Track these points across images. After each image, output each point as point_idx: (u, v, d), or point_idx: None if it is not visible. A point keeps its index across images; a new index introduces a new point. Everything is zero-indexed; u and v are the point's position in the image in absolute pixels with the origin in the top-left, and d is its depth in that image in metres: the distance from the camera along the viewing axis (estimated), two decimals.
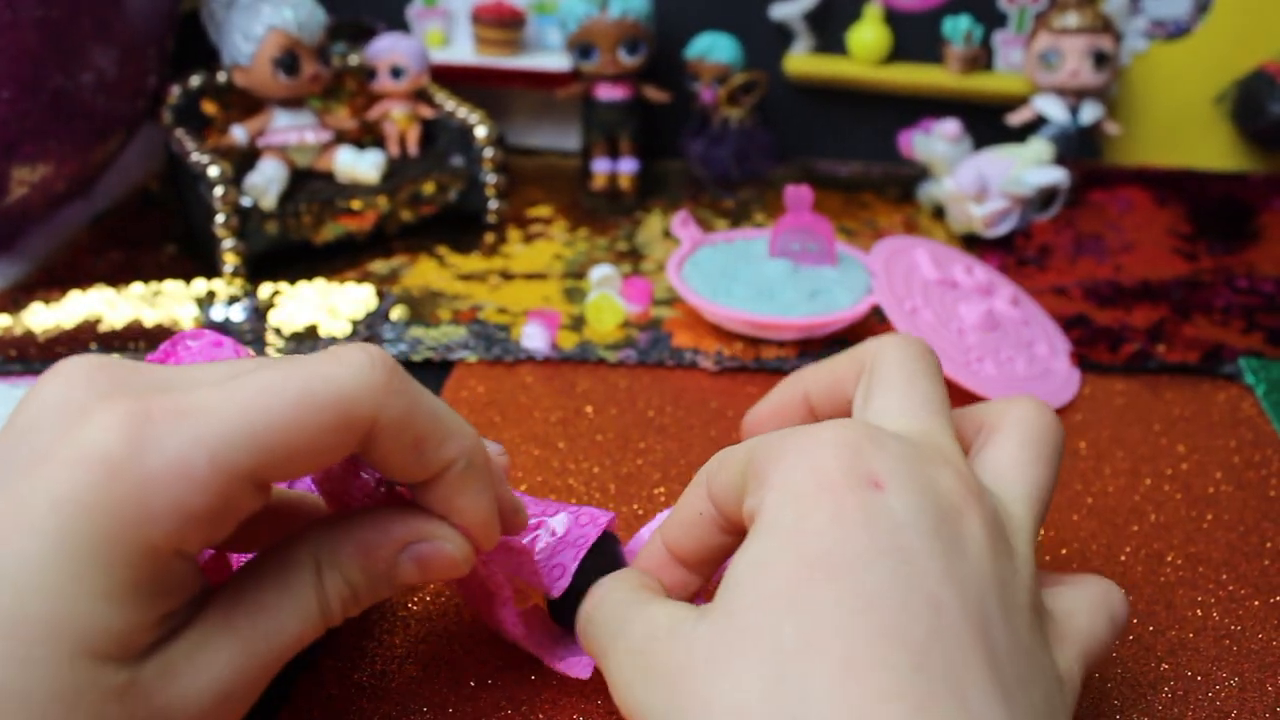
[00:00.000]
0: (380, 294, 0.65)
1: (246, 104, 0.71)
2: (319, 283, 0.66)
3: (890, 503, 0.25)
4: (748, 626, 0.25)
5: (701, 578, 0.34)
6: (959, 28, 0.78)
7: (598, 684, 0.38)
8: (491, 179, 0.73)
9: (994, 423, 0.32)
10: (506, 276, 0.68)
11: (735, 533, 0.31)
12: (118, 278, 0.66)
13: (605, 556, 0.36)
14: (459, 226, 0.73)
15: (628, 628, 0.29)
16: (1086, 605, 0.30)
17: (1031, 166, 0.71)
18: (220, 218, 0.64)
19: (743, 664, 0.24)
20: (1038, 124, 0.77)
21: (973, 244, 0.71)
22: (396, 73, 0.73)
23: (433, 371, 0.58)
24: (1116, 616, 0.31)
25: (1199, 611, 0.42)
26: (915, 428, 0.29)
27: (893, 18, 0.80)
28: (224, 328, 0.61)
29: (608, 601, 0.31)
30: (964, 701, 0.22)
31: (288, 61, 0.66)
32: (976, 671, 0.23)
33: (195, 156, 0.65)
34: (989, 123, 0.79)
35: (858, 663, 0.23)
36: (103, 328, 0.61)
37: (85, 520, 0.23)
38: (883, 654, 0.23)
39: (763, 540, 0.26)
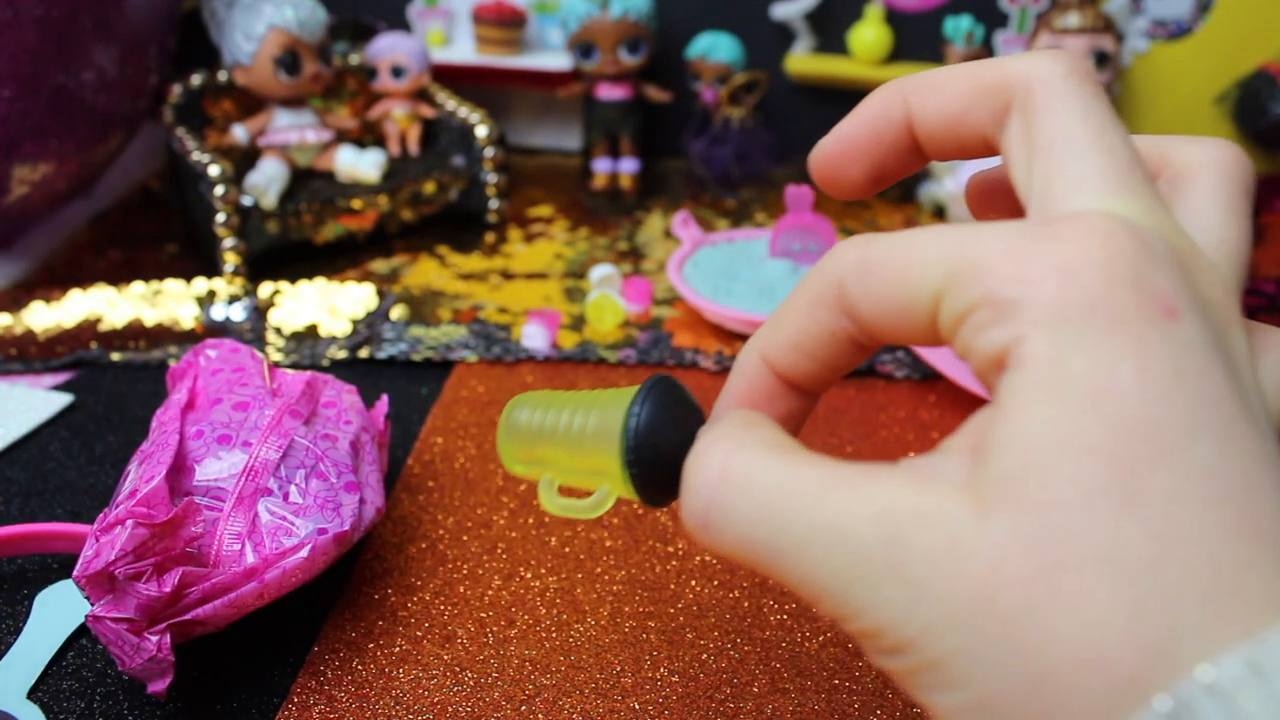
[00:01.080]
0: (381, 293, 0.65)
1: (247, 103, 0.71)
2: (319, 282, 0.66)
3: (1189, 335, 0.20)
4: (1074, 530, 0.18)
5: (815, 400, 0.27)
6: (960, 27, 0.78)
7: (599, 684, 0.38)
8: (492, 178, 0.73)
9: (1185, 168, 0.26)
10: (507, 276, 0.68)
11: (876, 346, 0.25)
12: (118, 276, 0.66)
13: (671, 399, 0.27)
14: (460, 226, 0.73)
15: (828, 515, 0.20)
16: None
17: None
18: (221, 217, 0.64)
19: (1083, 585, 0.18)
20: None
21: None
22: (397, 72, 0.73)
23: (433, 371, 0.58)
24: (1246, 190, 0.26)
25: None
26: (1139, 207, 0.22)
27: (894, 17, 0.80)
28: (224, 327, 0.61)
29: (758, 474, 0.22)
30: None
31: (289, 61, 0.66)
32: None
33: (196, 155, 0.65)
34: None
35: (1228, 576, 0.18)
36: (103, 326, 0.61)
37: None
38: (1247, 557, 0.18)
39: (1052, 404, 0.19)
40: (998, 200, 0.28)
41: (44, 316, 0.62)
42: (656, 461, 0.26)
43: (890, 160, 0.27)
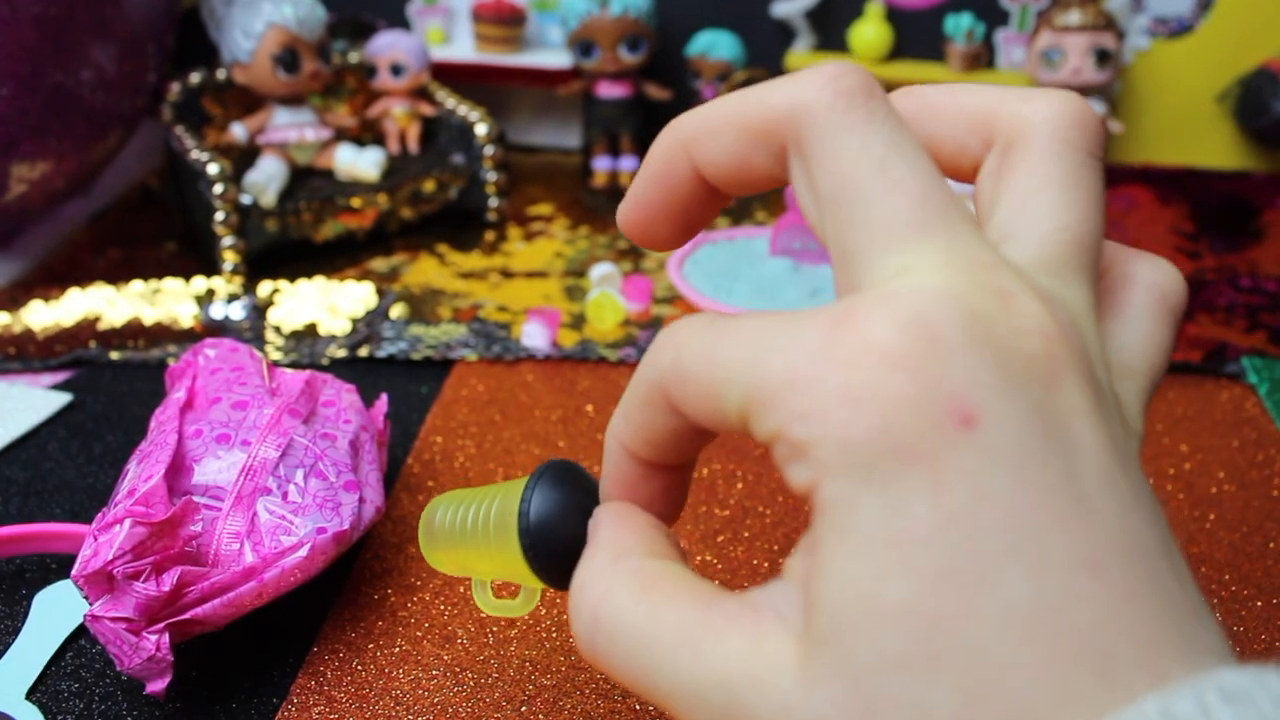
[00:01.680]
0: (380, 292, 0.65)
1: (246, 101, 0.71)
2: (319, 280, 0.65)
3: (992, 440, 0.18)
4: (884, 699, 0.18)
5: (691, 468, 0.26)
6: (961, 25, 0.78)
7: (599, 684, 0.38)
8: (492, 177, 0.73)
9: (1015, 135, 0.23)
10: (507, 274, 0.68)
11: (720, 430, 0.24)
12: (117, 275, 0.66)
13: (562, 483, 0.27)
14: (459, 224, 0.73)
15: (679, 677, 0.20)
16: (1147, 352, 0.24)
17: None
18: (220, 215, 0.64)
19: None
20: None
21: None
22: (397, 70, 0.73)
23: (433, 369, 0.58)
24: (1177, 315, 0.24)
25: None
26: (937, 253, 0.20)
27: (894, 15, 0.80)
28: (223, 325, 0.61)
29: (623, 623, 0.22)
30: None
31: (288, 59, 0.66)
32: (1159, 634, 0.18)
33: (195, 154, 0.65)
34: None
35: (1044, 707, 0.17)
36: (102, 325, 0.61)
37: None
38: (1064, 681, 0.17)
39: (852, 560, 0.18)
40: None
41: (42, 315, 0.62)
42: (554, 551, 0.26)
43: (694, 210, 0.25)
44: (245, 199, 0.66)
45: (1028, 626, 0.17)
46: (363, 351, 0.59)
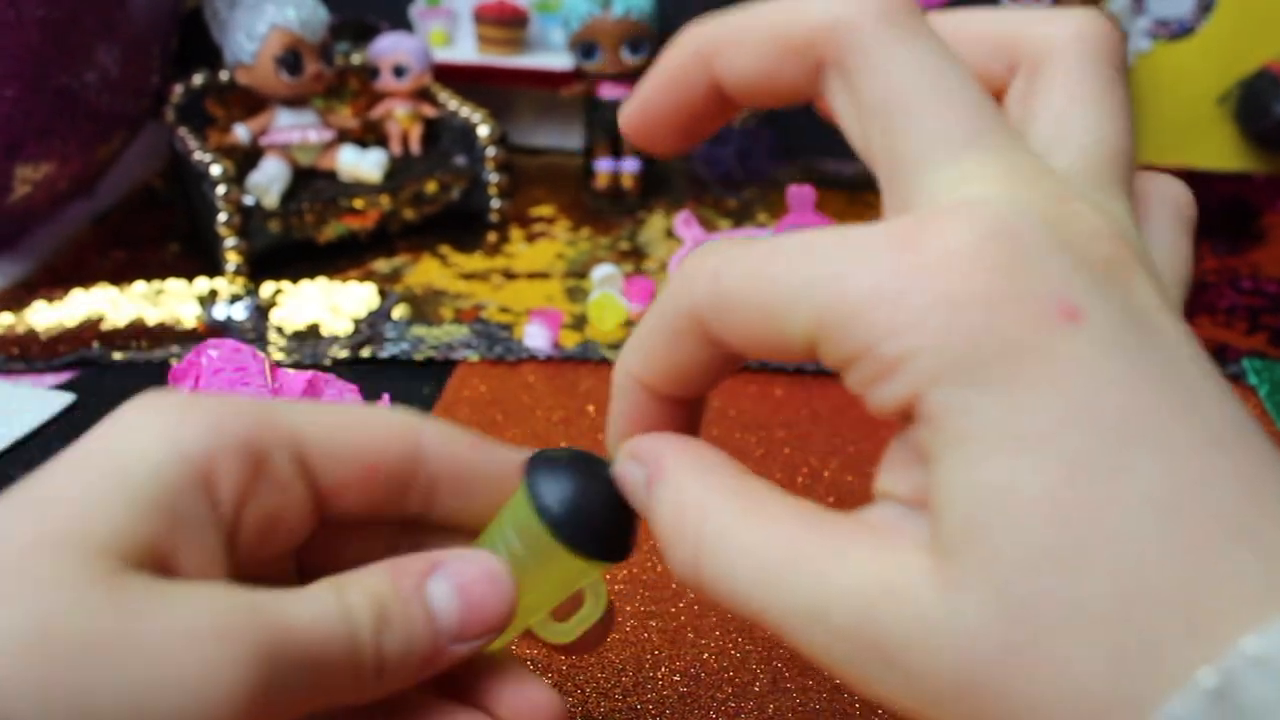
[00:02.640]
0: (383, 293, 0.65)
1: (249, 103, 0.71)
2: (321, 281, 0.66)
3: (1099, 332, 0.18)
4: (1035, 596, 0.17)
5: (702, 408, 0.26)
6: None
7: (599, 684, 0.38)
8: (494, 178, 0.73)
9: (1041, 55, 0.23)
10: (509, 276, 0.68)
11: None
12: (120, 276, 0.66)
13: (552, 462, 0.25)
14: (461, 225, 0.73)
15: (799, 597, 0.19)
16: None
17: None
18: (223, 216, 0.64)
19: (1056, 653, 0.17)
20: None
21: None
22: (399, 72, 0.73)
23: (435, 370, 0.58)
24: (1191, 228, 0.24)
25: None
26: (996, 165, 0.20)
27: None
28: (226, 326, 0.61)
29: (733, 546, 0.21)
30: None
31: (290, 60, 0.66)
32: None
33: (198, 155, 0.65)
34: None
35: (1201, 599, 0.17)
36: (105, 326, 0.61)
37: None
38: (1216, 570, 0.17)
39: (978, 462, 0.18)
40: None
41: (46, 316, 0.62)
42: (592, 521, 0.24)
43: (702, 118, 0.25)
44: (248, 200, 0.66)
45: (1170, 509, 0.17)
46: (365, 352, 0.59)
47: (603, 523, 0.24)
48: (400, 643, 0.23)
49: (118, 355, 0.58)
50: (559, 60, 0.81)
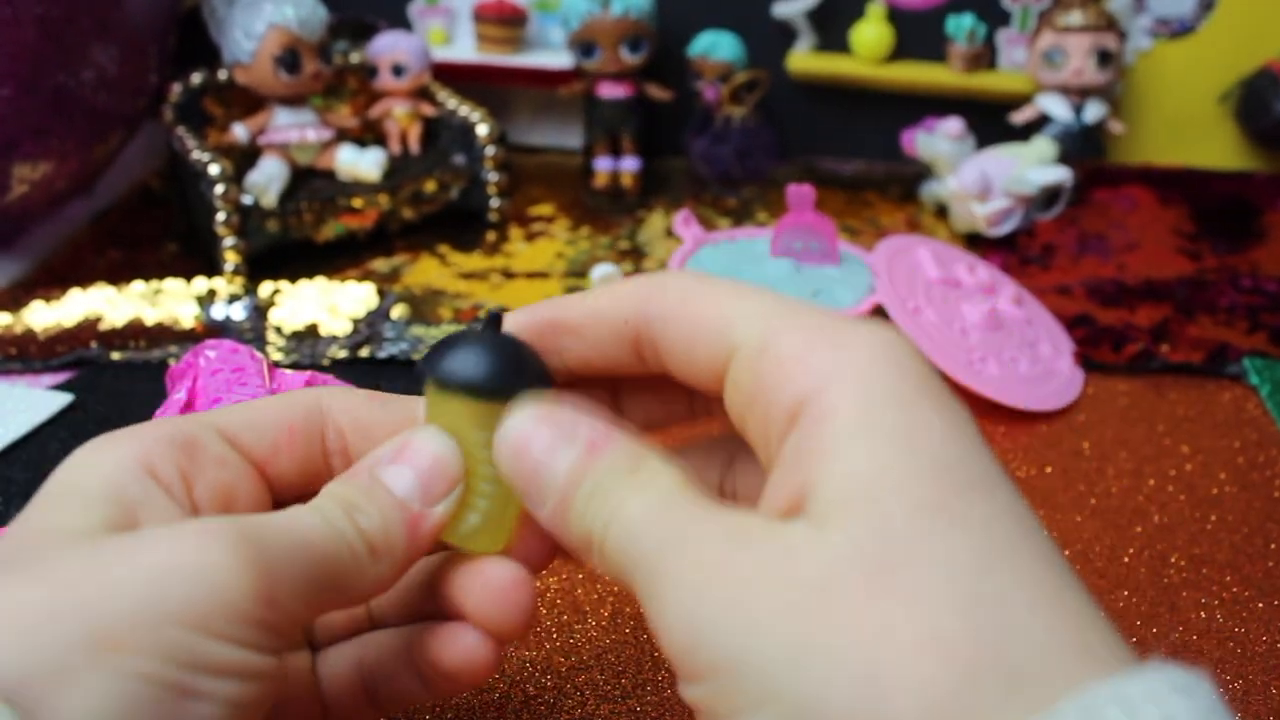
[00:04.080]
0: (381, 292, 0.65)
1: (248, 102, 0.71)
2: (320, 281, 0.65)
3: (966, 413, 0.22)
4: (908, 536, 0.20)
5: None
6: (962, 26, 0.78)
7: (599, 685, 0.38)
8: (493, 177, 0.73)
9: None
10: (508, 275, 0.68)
11: (656, 371, 0.27)
12: (118, 276, 0.66)
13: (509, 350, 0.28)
14: (461, 225, 0.73)
15: (678, 532, 0.22)
16: None
17: (1035, 165, 0.70)
18: (221, 216, 0.64)
19: (919, 581, 0.19)
20: (1041, 123, 0.76)
21: (976, 243, 0.71)
22: (398, 71, 0.73)
23: None
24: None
25: (1203, 614, 0.42)
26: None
27: (896, 16, 0.80)
28: (224, 326, 0.61)
29: (635, 533, 0.23)
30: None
31: (289, 59, 0.66)
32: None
33: (196, 154, 0.65)
34: (992, 121, 0.78)
35: (1050, 595, 0.20)
36: (103, 326, 0.61)
37: None
38: (1060, 581, 0.20)
39: (870, 442, 0.21)
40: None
41: (44, 316, 0.62)
42: (456, 361, 0.27)
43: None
44: (246, 199, 0.66)
45: (1024, 528, 0.21)
46: (364, 352, 0.59)
47: (510, 362, 0.27)
48: (376, 519, 0.26)
49: (116, 355, 0.58)
50: (558, 59, 0.81)
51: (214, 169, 0.64)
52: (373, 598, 0.27)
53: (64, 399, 0.54)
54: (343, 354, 0.59)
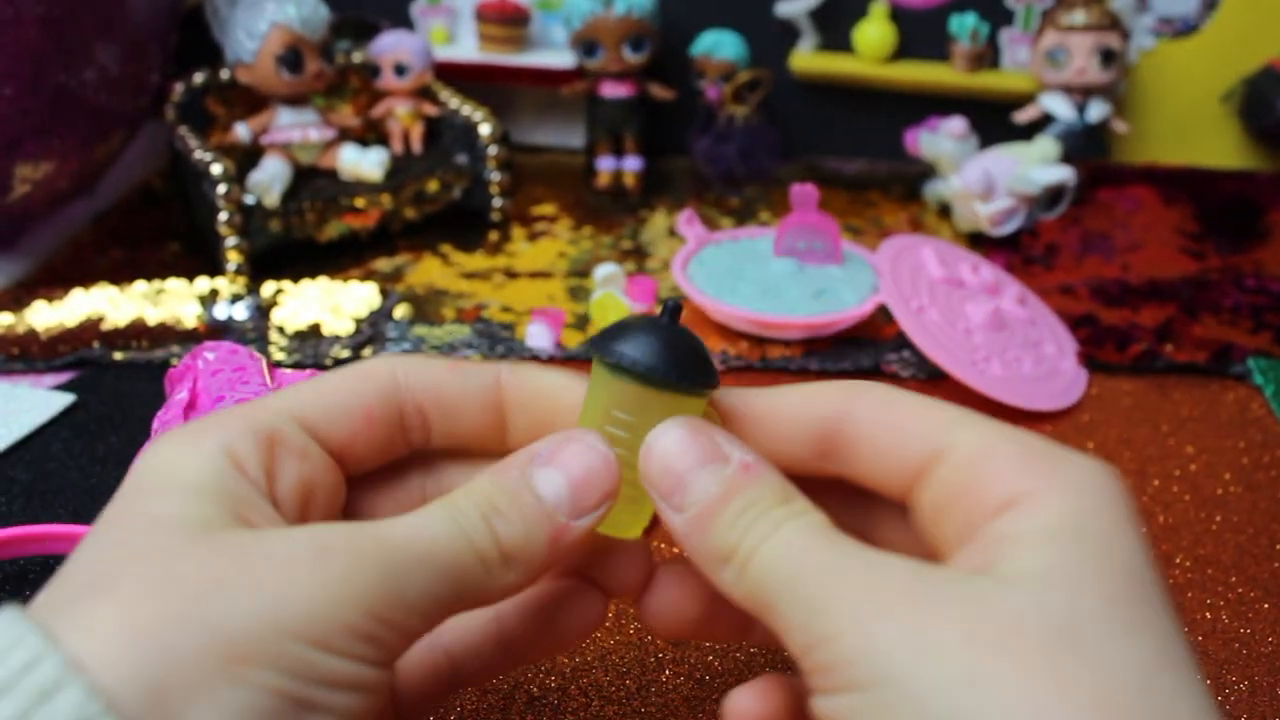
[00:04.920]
0: (384, 292, 0.64)
1: (250, 101, 0.71)
2: (322, 281, 0.65)
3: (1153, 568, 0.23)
4: (1094, 619, 0.21)
5: None
6: (965, 25, 0.78)
7: (603, 687, 0.38)
8: (496, 177, 0.72)
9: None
10: (511, 275, 0.68)
11: (832, 474, 0.28)
12: (120, 276, 0.66)
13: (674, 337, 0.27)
14: (463, 224, 0.73)
15: (850, 560, 0.23)
16: None
17: (1038, 165, 0.70)
18: (223, 215, 0.64)
19: (1102, 656, 0.20)
20: (1045, 122, 0.76)
21: (979, 242, 0.71)
22: (400, 70, 0.73)
23: None
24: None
25: (1208, 614, 0.42)
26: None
27: (899, 15, 0.80)
28: (227, 326, 0.61)
29: (782, 565, 0.24)
30: None
31: (291, 59, 0.66)
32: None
33: (198, 154, 0.65)
34: (995, 121, 0.78)
35: (1205, 707, 0.21)
36: (105, 326, 0.61)
37: None
38: (1209, 705, 0.21)
39: (1073, 542, 0.22)
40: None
41: (46, 316, 0.62)
42: (677, 360, 0.26)
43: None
44: (249, 199, 0.66)
45: (1186, 655, 0.22)
46: (366, 352, 0.59)
47: (688, 355, 0.27)
48: (517, 526, 0.25)
49: (118, 355, 0.58)
50: (560, 58, 0.80)
51: (216, 169, 0.64)
52: (500, 601, 0.26)
53: (66, 399, 0.54)
54: (345, 354, 0.58)
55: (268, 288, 0.65)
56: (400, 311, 0.63)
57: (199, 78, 0.70)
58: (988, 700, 0.20)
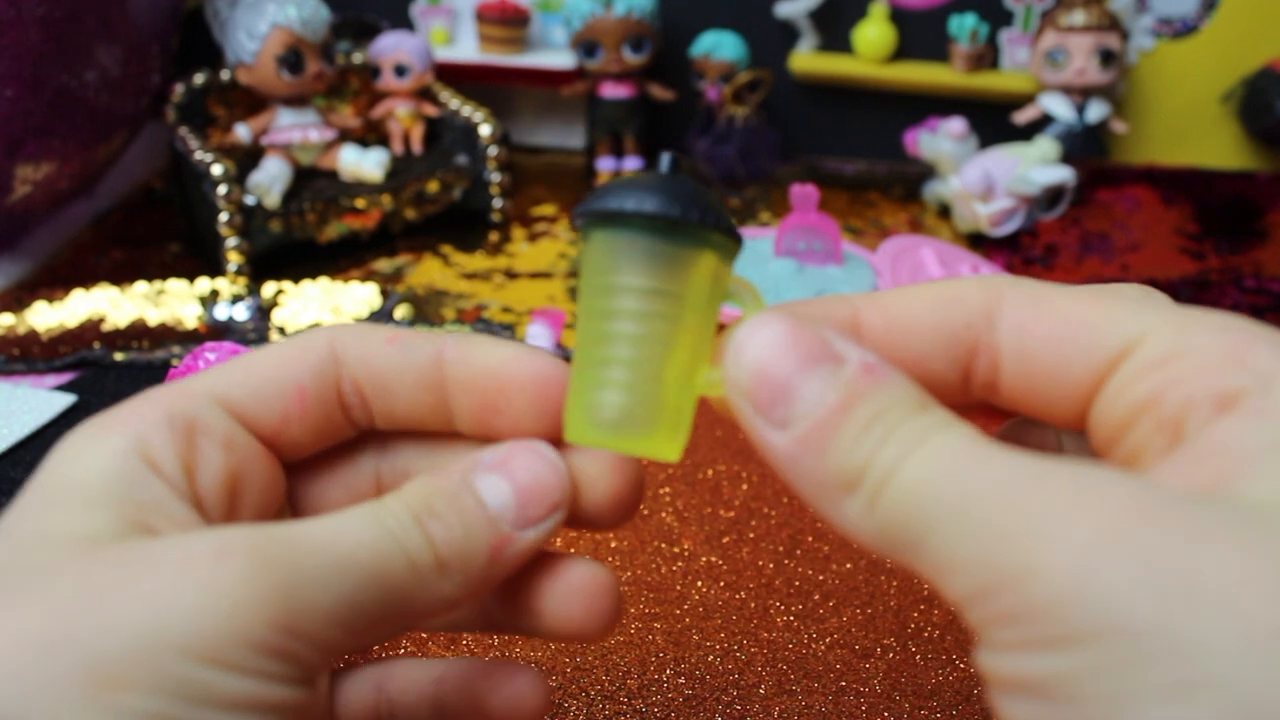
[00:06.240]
0: (384, 293, 0.65)
1: (250, 102, 0.71)
2: (323, 281, 0.65)
3: None
4: None
5: None
6: (965, 26, 0.78)
7: (604, 686, 0.38)
8: (496, 177, 0.73)
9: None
10: (511, 275, 0.68)
11: (978, 398, 0.23)
12: (121, 276, 0.66)
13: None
14: (463, 225, 0.73)
15: (1037, 478, 0.18)
16: None
17: (1038, 165, 0.70)
18: (224, 216, 0.64)
19: None
20: (1044, 122, 0.76)
21: (979, 243, 0.71)
22: (401, 71, 0.73)
23: None
24: None
25: None
26: None
27: (898, 16, 0.80)
28: (227, 327, 0.61)
29: (897, 412, 0.20)
30: None
31: (292, 59, 0.66)
32: None
33: (199, 155, 0.65)
34: (995, 121, 0.78)
35: None
36: (106, 326, 0.61)
37: None
38: None
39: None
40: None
41: (47, 316, 0.62)
42: (695, 202, 0.22)
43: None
44: (249, 200, 0.66)
45: None
46: None
47: (704, 198, 0.22)
48: (456, 530, 0.23)
49: (119, 356, 0.58)
50: (560, 59, 0.81)
51: (217, 169, 0.64)
52: (435, 618, 0.23)
53: (67, 399, 0.54)
54: None
55: (268, 288, 0.65)
56: (401, 312, 0.63)
57: (200, 79, 0.70)
58: None
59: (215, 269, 0.66)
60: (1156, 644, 0.16)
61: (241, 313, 0.63)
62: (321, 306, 0.63)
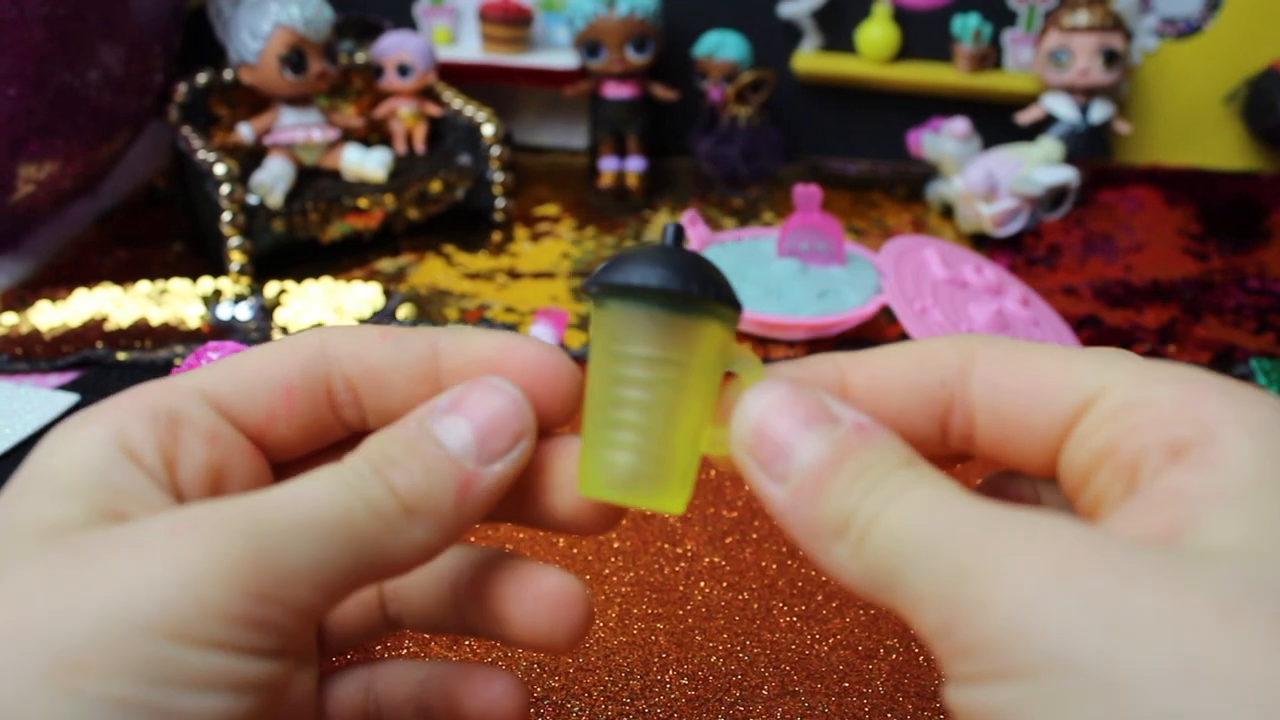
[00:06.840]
0: (387, 292, 0.65)
1: (253, 102, 0.71)
2: (326, 281, 0.65)
3: None
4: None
5: None
6: (968, 26, 0.78)
7: (607, 687, 0.38)
8: (499, 177, 0.73)
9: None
10: (514, 275, 0.68)
11: (956, 449, 0.24)
12: (124, 276, 0.66)
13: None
14: (466, 225, 0.73)
15: (1000, 525, 0.19)
16: None
17: (1041, 165, 0.70)
18: (227, 216, 0.64)
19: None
20: (1047, 123, 0.76)
21: (982, 243, 0.71)
22: (404, 70, 0.73)
23: None
24: None
25: None
26: None
27: (902, 16, 0.80)
28: (230, 326, 0.61)
29: (882, 466, 0.21)
30: None
31: (295, 59, 0.66)
32: None
33: (202, 154, 0.65)
34: (998, 121, 0.78)
35: None
36: (109, 326, 0.61)
37: None
38: None
39: (1271, 497, 0.19)
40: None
41: (49, 316, 0.62)
42: (704, 276, 0.23)
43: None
44: (252, 199, 0.66)
45: None
46: None
47: (706, 272, 0.23)
48: (418, 475, 0.23)
49: (122, 355, 0.58)
50: (563, 59, 0.80)
51: (219, 169, 0.64)
52: (416, 567, 0.23)
53: (70, 399, 0.54)
54: None
55: (271, 288, 0.65)
56: (404, 312, 0.63)
57: (202, 78, 0.70)
58: (1214, 694, 0.16)
59: (218, 268, 0.66)
60: (1095, 677, 0.17)
61: (244, 312, 0.63)
62: (324, 306, 0.63)
